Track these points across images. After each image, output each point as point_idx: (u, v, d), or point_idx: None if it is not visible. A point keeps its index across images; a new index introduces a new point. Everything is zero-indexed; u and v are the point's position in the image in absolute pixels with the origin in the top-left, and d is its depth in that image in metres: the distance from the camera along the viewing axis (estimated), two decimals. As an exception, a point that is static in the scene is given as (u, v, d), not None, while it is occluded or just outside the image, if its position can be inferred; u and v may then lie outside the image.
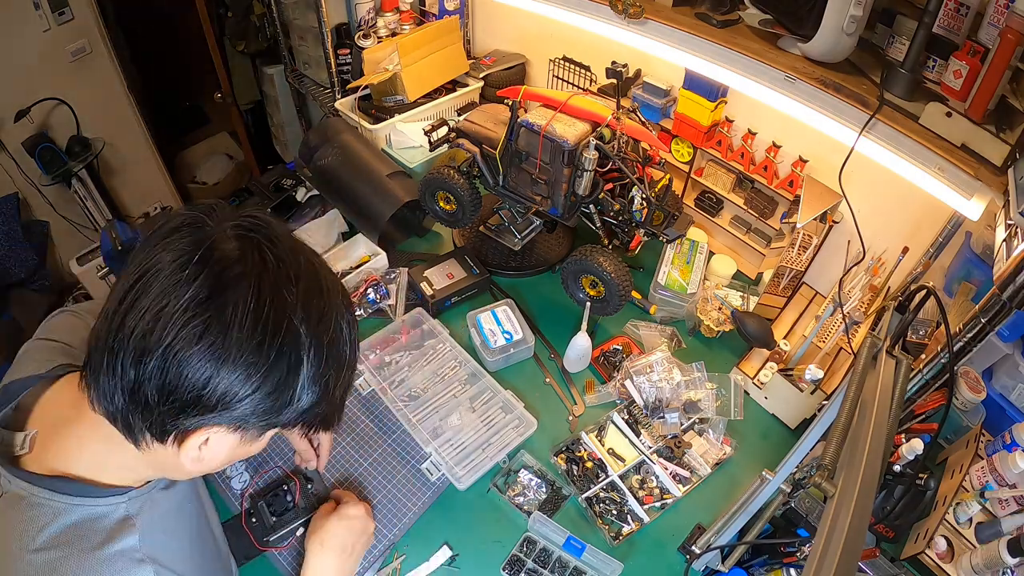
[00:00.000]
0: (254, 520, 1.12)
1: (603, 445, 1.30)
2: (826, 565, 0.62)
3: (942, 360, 0.99)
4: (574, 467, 1.26)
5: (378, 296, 1.53)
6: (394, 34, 2.03)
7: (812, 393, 1.27)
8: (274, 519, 1.11)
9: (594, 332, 1.51)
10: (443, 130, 1.48)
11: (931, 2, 1.00)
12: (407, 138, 1.86)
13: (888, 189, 1.31)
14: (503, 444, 1.27)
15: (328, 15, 1.95)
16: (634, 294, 1.48)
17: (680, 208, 1.47)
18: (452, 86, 2.01)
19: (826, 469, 0.71)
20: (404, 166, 1.78)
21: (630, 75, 1.59)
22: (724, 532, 1.02)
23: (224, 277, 0.59)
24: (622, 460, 1.28)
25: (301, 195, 1.79)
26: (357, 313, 1.52)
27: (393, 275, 1.58)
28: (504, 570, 1.13)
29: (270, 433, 0.71)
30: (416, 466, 1.26)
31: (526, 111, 1.32)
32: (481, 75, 2.00)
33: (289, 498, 1.14)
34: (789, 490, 0.81)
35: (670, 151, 1.66)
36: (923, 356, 1.10)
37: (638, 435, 1.32)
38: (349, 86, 1.99)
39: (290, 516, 1.12)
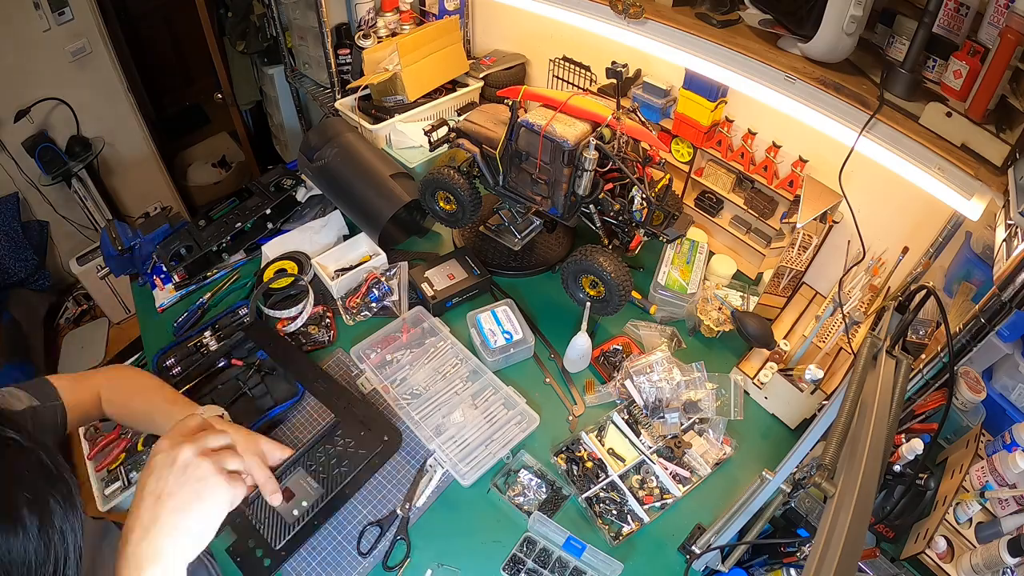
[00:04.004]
0: None
1: (603, 445, 1.30)
2: (826, 565, 0.62)
3: (942, 360, 0.99)
4: (574, 467, 1.26)
5: (381, 294, 1.53)
6: (394, 34, 2.03)
7: (812, 393, 1.27)
8: None
9: (594, 332, 1.51)
10: (443, 130, 1.48)
11: (931, 2, 1.00)
12: (407, 138, 1.86)
13: (888, 189, 1.31)
14: (506, 440, 1.27)
15: (328, 15, 1.95)
16: (634, 294, 1.48)
17: (680, 208, 1.47)
18: (452, 86, 2.01)
19: (826, 469, 0.71)
20: (404, 166, 1.78)
21: (630, 75, 1.59)
22: (724, 532, 1.02)
23: None
24: (622, 460, 1.28)
25: (301, 195, 1.79)
26: (362, 315, 1.53)
27: (393, 271, 1.59)
28: (504, 570, 1.13)
29: None
30: (418, 464, 1.26)
31: (526, 111, 1.32)
32: (481, 75, 2.00)
33: None
34: (789, 490, 0.81)
35: (670, 151, 1.66)
36: (923, 356, 1.09)
37: (638, 435, 1.32)
38: (349, 86, 1.99)
39: None
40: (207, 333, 1.47)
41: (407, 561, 1.13)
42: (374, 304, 1.53)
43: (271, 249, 1.63)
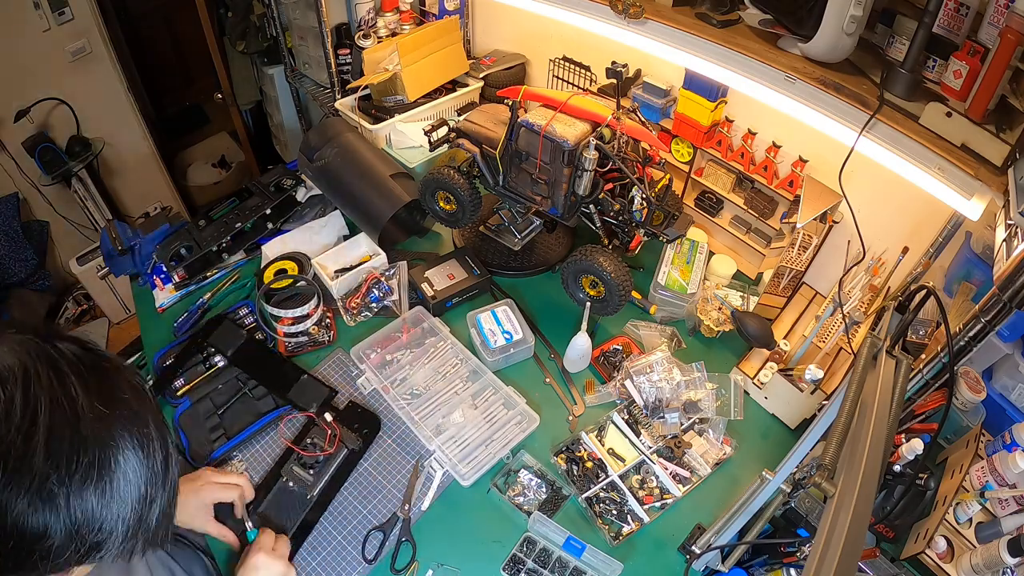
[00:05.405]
0: None
1: (603, 445, 1.30)
2: (826, 565, 0.62)
3: (942, 360, 0.99)
4: (574, 467, 1.26)
5: (381, 294, 1.53)
6: (394, 34, 2.03)
7: (812, 393, 1.27)
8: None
9: (594, 332, 1.51)
10: (443, 130, 1.48)
11: (931, 2, 1.00)
12: (407, 138, 1.86)
13: (888, 189, 1.31)
14: (506, 440, 1.27)
15: (328, 15, 1.95)
16: (634, 294, 1.48)
17: (680, 208, 1.47)
18: (452, 86, 2.01)
19: (826, 469, 0.71)
20: (404, 166, 1.78)
21: (630, 75, 1.59)
22: (724, 532, 1.02)
23: None
24: (622, 460, 1.28)
25: (301, 195, 1.79)
26: (362, 315, 1.53)
27: (392, 271, 1.59)
28: (504, 570, 1.13)
29: None
30: (418, 465, 1.27)
31: (526, 111, 1.32)
32: (481, 75, 2.00)
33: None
34: (789, 490, 0.81)
35: (670, 151, 1.66)
36: (923, 356, 1.10)
37: (638, 435, 1.32)
38: (349, 86, 1.99)
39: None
40: (207, 333, 1.48)
41: (415, 564, 1.13)
42: (374, 304, 1.53)
43: (271, 249, 1.63)
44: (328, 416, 1.28)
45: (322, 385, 1.37)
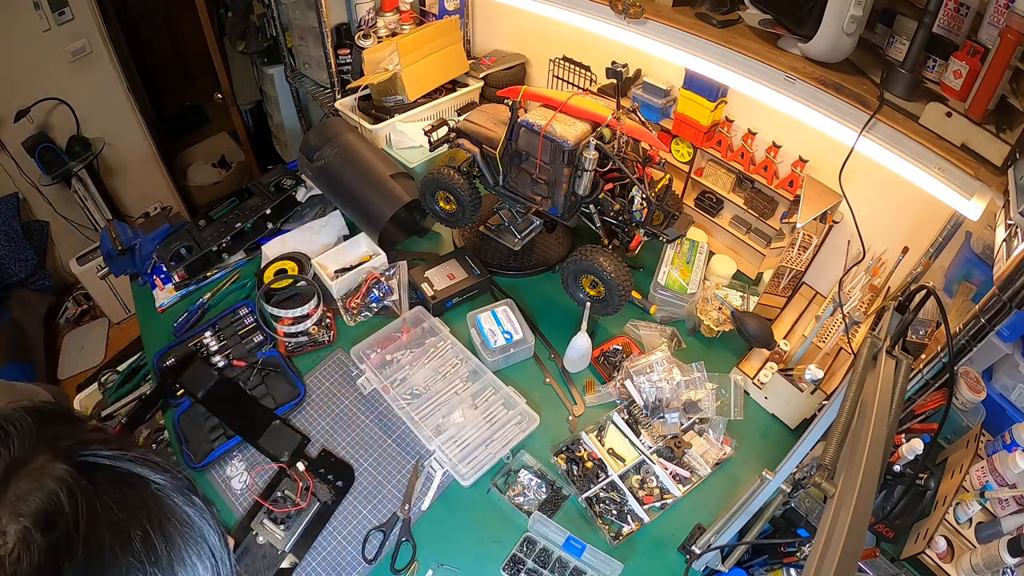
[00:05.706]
0: None
1: (603, 445, 1.30)
2: (826, 565, 0.62)
3: (942, 360, 0.99)
4: (574, 467, 1.26)
5: (381, 294, 1.53)
6: (394, 34, 2.03)
7: (812, 393, 1.27)
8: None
9: (594, 332, 1.51)
10: (443, 130, 1.48)
11: (931, 2, 1.00)
12: (407, 138, 1.86)
13: (888, 189, 1.31)
14: (506, 440, 1.27)
15: (328, 15, 1.95)
16: (634, 294, 1.48)
17: (680, 208, 1.47)
18: (452, 86, 2.01)
19: (826, 469, 0.71)
20: (404, 166, 1.78)
21: (630, 75, 1.59)
22: (724, 532, 1.02)
23: None
24: (622, 460, 1.28)
25: (301, 195, 1.79)
26: (362, 315, 1.53)
27: (392, 271, 1.59)
28: (504, 570, 1.13)
29: None
30: (418, 465, 1.26)
31: (526, 111, 1.32)
32: (481, 75, 2.00)
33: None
34: (789, 490, 0.81)
35: (670, 151, 1.66)
36: (923, 356, 1.10)
37: (638, 435, 1.32)
38: (349, 86, 1.99)
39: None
40: (207, 333, 1.47)
41: (415, 564, 1.14)
42: (374, 304, 1.53)
43: (271, 249, 1.63)
44: (300, 466, 1.24)
45: (294, 432, 1.31)
